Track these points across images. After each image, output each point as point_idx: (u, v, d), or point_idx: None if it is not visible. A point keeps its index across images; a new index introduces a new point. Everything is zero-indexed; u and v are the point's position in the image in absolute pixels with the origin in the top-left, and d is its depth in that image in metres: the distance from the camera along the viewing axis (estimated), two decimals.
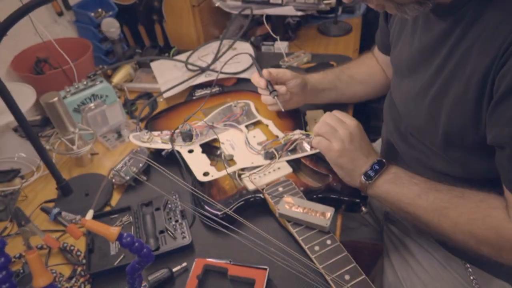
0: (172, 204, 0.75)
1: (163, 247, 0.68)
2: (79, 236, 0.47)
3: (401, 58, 0.74)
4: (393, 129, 0.80)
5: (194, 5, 1.20)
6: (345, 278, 0.56)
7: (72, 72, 1.01)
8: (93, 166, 0.91)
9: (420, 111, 0.67)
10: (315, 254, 0.60)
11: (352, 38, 1.36)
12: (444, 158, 0.68)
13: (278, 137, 0.83)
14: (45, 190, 0.85)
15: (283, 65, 1.13)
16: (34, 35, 1.08)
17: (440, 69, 0.62)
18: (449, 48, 0.60)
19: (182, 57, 1.18)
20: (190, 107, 0.98)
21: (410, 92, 0.70)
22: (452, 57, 0.59)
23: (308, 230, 0.64)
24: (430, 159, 0.71)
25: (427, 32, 0.65)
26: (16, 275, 0.66)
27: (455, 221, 0.58)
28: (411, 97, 0.70)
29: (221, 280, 0.64)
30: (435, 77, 0.63)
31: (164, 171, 0.77)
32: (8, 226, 0.77)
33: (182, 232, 0.70)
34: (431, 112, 0.65)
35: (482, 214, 0.57)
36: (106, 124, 0.97)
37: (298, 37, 1.38)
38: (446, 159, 0.67)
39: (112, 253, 0.68)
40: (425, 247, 0.80)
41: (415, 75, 0.69)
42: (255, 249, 0.65)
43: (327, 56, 1.23)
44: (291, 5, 1.24)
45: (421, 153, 0.73)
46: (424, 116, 0.67)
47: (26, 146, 0.88)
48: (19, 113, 0.68)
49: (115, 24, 1.15)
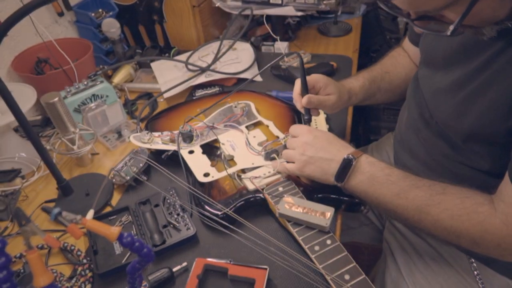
0: (171, 199, 0.76)
1: (169, 240, 0.69)
2: (79, 236, 0.47)
3: (437, 47, 0.70)
4: (418, 116, 0.76)
5: (194, 5, 1.21)
6: (345, 278, 0.57)
7: (72, 72, 1.01)
8: (93, 166, 0.91)
9: (449, 105, 0.65)
10: (315, 254, 0.60)
11: (352, 38, 1.36)
12: (464, 150, 0.66)
13: (278, 138, 0.83)
14: (46, 190, 0.85)
15: (283, 65, 1.13)
16: (35, 36, 1.09)
17: (482, 69, 0.59)
18: (497, 49, 0.57)
19: (182, 57, 1.18)
20: (191, 107, 0.98)
21: (441, 83, 0.68)
22: (498, 60, 0.57)
23: (308, 230, 0.64)
24: (453, 148, 0.69)
25: None
26: (16, 275, 0.67)
27: (437, 218, 0.59)
28: (442, 89, 0.67)
29: (221, 280, 0.64)
30: (474, 74, 0.61)
31: (165, 171, 0.77)
32: (8, 226, 0.77)
33: (185, 224, 0.71)
34: (459, 109, 0.63)
35: (467, 210, 0.57)
36: (107, 124, 0.98)
37: (298, 37, 1.38)
38: (466, 150, 0.66)
39: (117, 252, 0.69)
40: (428, 242, 0.80)
41: (450, 68, 0.66)
42: (255, 249, 0.66)
43: (327, 56, 1.24)
44: (291, 5, 1.24)
45: (444, 142, 0.70)
46: (451, 111, 0.65)
47: (27, 146, 0.88)
48: (19, 113, 0.68)
49: (116, 24, 1.15)
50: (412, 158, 0.80)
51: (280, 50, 1.23)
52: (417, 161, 0.78)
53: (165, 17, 1.25)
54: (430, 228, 0.61)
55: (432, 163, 0.75)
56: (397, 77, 0.91)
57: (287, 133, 0.82)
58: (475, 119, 0.61)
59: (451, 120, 0.66)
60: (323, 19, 1.47)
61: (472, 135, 0.63)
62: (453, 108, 0.65)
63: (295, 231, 0.64)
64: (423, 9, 0.51)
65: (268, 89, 1.06)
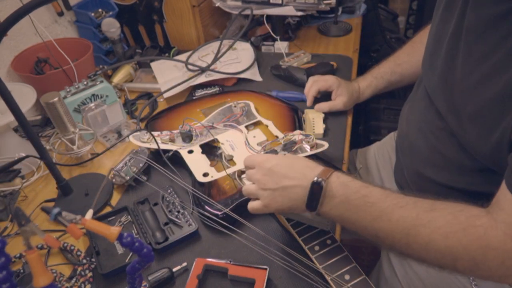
0: (170, 197, 0.76)
1: (172, 236, 0.69)
2: (79, 236, 0.47)
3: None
4: (424, 107, 0.74)
5: (194, 5, 1.20)
6: (345, 278, 0.57)
7: (72, 72, 1.01)
8: (93, 166, 0.91)
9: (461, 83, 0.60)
10: (315, 254, 0.60)
11: (352, 38, 1.36)
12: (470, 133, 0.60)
13: (278, 138, 0.83)
14: (45, 189, 0.85)
15: (283, 65, 1.13)
16: (35, 35, 1.09)
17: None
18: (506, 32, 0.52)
19: (182, 57, 1.18)
20: (190, 107, 0.98)
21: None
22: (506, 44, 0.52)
23: (308, 230, 0.64)
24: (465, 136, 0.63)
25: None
26: (16, 275, 0.67)
27: (428, 239, 0.51)
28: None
29: (221, 280, 0.64)
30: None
31: (165, 171, 0.77)
32: (8, 226, 0.77)
33: (186, 220, 0.71)
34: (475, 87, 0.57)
35: (463, 226, 0.50)
36: (107, 124, 0.97)
37: (298, 37, 1.38)
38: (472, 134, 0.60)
39: (119, 252, 0.69)
40: None
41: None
42: (255, 249, 0.66)
43: (327, 56, 1.23)
44: (291, 5, 1.24)
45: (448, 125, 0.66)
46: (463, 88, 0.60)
47: (27, 146, 0.88)
48: (19, 113, 0.68)
49: (115, 24, 1.15)
50: (413, 155, 0.79)
51: (280, 50, 1.23)
52: (418, 157, 0.76)
53: (165, 17, 1.25)
54: (421, 252, 0.53)
55: (434, 158, 0.72)
56: (410, 65, 0.93)
57: (286, 133, 0.82)
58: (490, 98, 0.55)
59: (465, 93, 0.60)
60: (323, 19, 1.47)
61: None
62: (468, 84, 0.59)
63: (295, 231, 0.64)
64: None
65: (268, 89, 1.06)
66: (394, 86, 0.97)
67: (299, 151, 0.79)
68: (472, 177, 0.65)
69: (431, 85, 0.71)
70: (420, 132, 0.75)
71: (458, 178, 0.67)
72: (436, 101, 0.69)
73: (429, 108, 0.72)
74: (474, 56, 0.57)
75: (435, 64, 0.68)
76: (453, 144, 0.66)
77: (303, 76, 1.07)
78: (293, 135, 0.80)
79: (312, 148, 0.78)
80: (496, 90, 0.53)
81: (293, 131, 0.81)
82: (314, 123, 0.92)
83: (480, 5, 0.56)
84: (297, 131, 0.81)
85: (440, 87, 0.66)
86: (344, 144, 0.90)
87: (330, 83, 0.95)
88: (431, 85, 0.71)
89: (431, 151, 0.72)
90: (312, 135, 0.79)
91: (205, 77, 1.09)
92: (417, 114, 0.77)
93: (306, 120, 0.93)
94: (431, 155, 0.72)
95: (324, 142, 0.79)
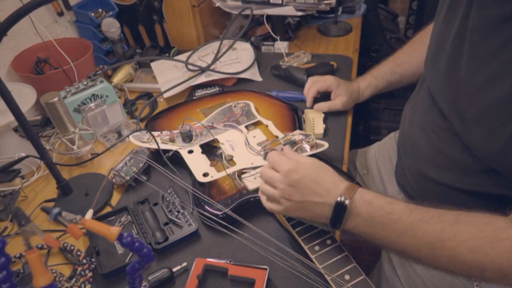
0: (170, 197, 0.76)
1: (172, 236, 0.69)
2: (79, 236, 0.47)
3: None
4: (428, 105, 0.73)
5: (194, 5, 1.20)
6: (345, 278, 0.57)
7: (72, 72, 1.01)
8: (93, 166, 0.91)
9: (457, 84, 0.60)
10: (315, 254, 0.60)
11: (352, 38, 1.36)
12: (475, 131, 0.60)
13: (278, 138, 0.83)
14: (45, 189, 0.85)
15: (283, 65, 1.13)
16: (35, 35, 1.09)
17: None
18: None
19: (182, 57, 1.18)
20: (190, 107, 0.98)
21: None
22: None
23: (308, 230, 0.64)
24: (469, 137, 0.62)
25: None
26: (16, 275, 0.67)
27: (454, 253, 0.52)
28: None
29: (221, 280, 0.64)
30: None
31: (165, 171, 0.77)
32: (8, 226, 0.77)
33: (186, 220, 0.71)
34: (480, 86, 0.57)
35: (489, 239, 0.50)
36: (107, 124, 0.97)
37: (298, 37, 1.38)
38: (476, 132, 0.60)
39: (119, 252, 0.69)
40: None
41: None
42: (255, 249, 0.66)
43: (327, 56, 1.23)
44: (291, 5, 1.24)
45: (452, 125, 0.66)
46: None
47: (27, 146, 0.88)
48: (19, 113, 0.68)
49: (115, 24, 1.15)
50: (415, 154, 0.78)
51: (280, 50, 1.23)
52: (421, 157, 0.76)
53: (165, 17, 1.25)
54: (448, 265, 0.53)
55: (436, 158, 0.71)
56: (410, 66, 0.93)
57: (286, 133, 0.82)
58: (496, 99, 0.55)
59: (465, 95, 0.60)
60: (323, 19, 1.47)
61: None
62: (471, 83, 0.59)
63: (295, 231, 0.64)
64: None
65: (268, 89, 1.06)
66: (394, 86, 0.98)
67: (299, 151, 0.79)
68: (477, 178, 0.64)
69: (434, 85, 0.71)
70: (422, 131, 0.75)
71: (463, 179, 0.66)
72: (439, 102, 0.69)
73: (432, 108, 0.72)
74: (479, 57, 0.57)
75: (438, 64, 0.68)
76: (456, 144, 0.66)
77: (303, 76, 1.07)
78: (293, 135, 0.80)
79: (312, 148, 0.78)
80: (503, 92, 0.53)
81: (293, 131, 0.81)
82: (314, 123, 0.92)
83: (484, 6, 0.56)
84: (297, 131, 0.81)
85: (444, 88, 0.66)
86: (344, 144, 0.90)
87: (329, 83, 0.96)
88: (434, 86, 0.71)
89: (433, 151, 0.72)
90: (312, 135, 0.79)
91: (205, 77, 1.09)
92: (420, 114, 0.77)
93: (306, 120, 0.93)
94: (433, 155, 0.72)
95: (324, 142, 0.79)
